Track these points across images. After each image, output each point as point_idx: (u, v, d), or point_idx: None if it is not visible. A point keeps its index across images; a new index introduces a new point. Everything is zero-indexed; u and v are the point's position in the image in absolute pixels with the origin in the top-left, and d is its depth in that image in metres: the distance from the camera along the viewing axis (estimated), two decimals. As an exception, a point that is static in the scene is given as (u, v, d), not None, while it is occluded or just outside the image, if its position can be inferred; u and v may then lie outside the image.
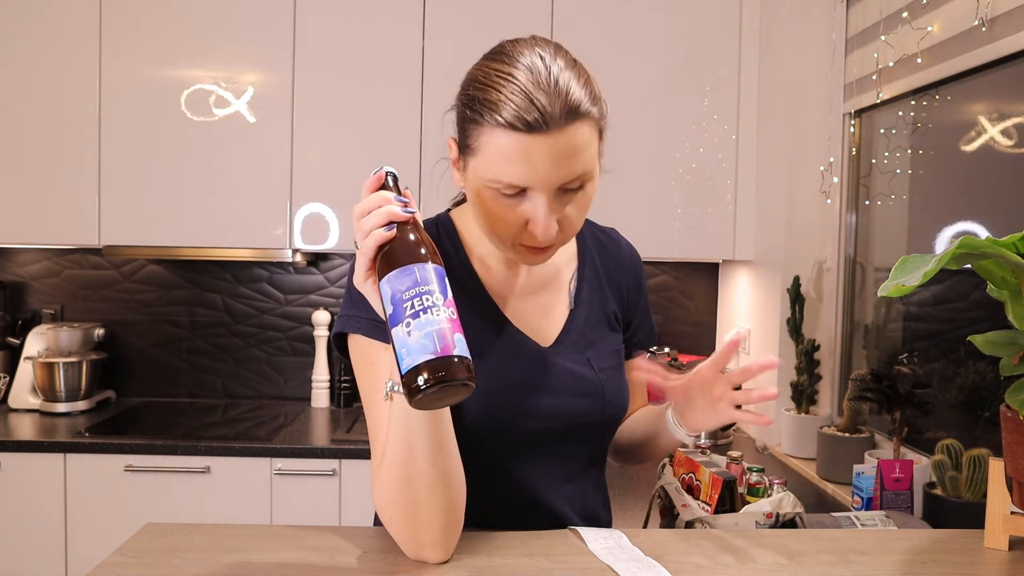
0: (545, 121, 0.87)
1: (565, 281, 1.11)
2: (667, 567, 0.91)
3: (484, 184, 0.92)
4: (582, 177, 0.93)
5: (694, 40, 2.46)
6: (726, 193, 2.48)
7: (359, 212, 0.83)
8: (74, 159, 2.43)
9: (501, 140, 0.88)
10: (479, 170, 0.92)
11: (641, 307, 1.19)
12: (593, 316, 1.11)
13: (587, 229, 1.17)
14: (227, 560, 0.92)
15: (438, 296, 0.78)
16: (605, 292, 1.13)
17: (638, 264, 1.20)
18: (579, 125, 0.90)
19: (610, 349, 1.11)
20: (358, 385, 1.00)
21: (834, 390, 2.26)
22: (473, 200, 0.96)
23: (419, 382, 0.75)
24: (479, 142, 0.91)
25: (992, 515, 1.01)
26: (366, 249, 0.82)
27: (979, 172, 1.77)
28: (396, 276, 0.79)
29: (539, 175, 0.89)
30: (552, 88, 0.88)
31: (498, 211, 0.93)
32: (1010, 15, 1.52)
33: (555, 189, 0.91)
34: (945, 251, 0.79)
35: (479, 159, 0.92)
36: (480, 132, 0.91)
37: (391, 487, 0.90)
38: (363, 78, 2.44)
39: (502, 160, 0.89)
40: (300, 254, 2.54)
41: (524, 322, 1.06)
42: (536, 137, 0.87)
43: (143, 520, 1.07)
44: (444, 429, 0.89)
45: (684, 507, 1.30)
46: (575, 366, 1.06)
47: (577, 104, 0.89)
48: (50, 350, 2.60)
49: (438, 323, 0.77)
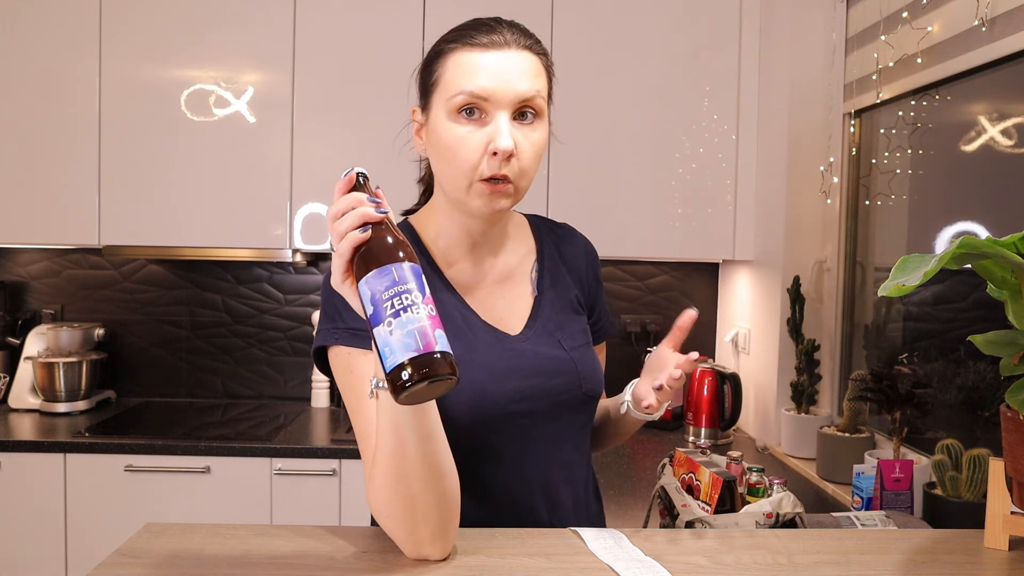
0: (503, 42, 1.00)
1: (527, 271, 1.16)
2: (667, 567, 0.91)
3: (448, 108, 0.99)
4: (535, 102, 1.01)
5: (694, 40, 2.46)
6: (726, 193, 2.48)
7: (333, 215, 0.85)
8: (74, 159, 2.43)
9: (464, 57, 0.99)
10: (442, 96, 1.00)
11: (600, 296, 1.24)
12: (558, 300, 1.15)
13: (542, 223, 1.23)
14: (227, 560, 0.92)
15: (416, 294, 0.80)
16: (566, 279, 1.18)
17: (593, 252, 1.25)
18: (531, 55, 1.02)
19: (578, 329, 1.15)
20: (342, 396, 1.02)
21: (834, 390, 2.26)
22: (436, 142, 1.02)
23: (404, 378, 0.77)
24: (442, 69, 1.01)
25: (992, 515, 1.01)
26: (342, 251, 0.84)
27: (979, 172, 1.77)
28: (374, 277, 0.81)
29: (497, 85, 0.98)
30: (509, 27, 1.03)
31: (460, 137, 0.99)
32: (1010, 15, 1.52)
33: (512, 111, 0.99)
34: (945, 251, 0.79)
35: (442, 85, 1.01)
36: (444, 61, 1.01)
37: (386, 484, 0.91)
38: (363, 78, 2.44)
39: (466, 73, 0.99)
40: (300, 254, 2.54)
41: (491, 313, 1.10)
42: (495, 53, 0.99)
43: (143, 520, 1.07)
44: (431, 419, 0.91)
45: (684, 507, 1.30)
46: (546, 348, 1.10)
47: (530, 42, 1.03)
48: (50, 350, 2.60)
49: (418, 321, 0.79)
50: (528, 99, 1.00)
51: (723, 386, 2.39)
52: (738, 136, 2.47)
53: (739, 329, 2.61)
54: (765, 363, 2.39)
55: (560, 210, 2.37)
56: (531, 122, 1.01)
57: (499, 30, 1.01)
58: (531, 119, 1.01)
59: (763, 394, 2.40)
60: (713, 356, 2.85)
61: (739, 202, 2.48)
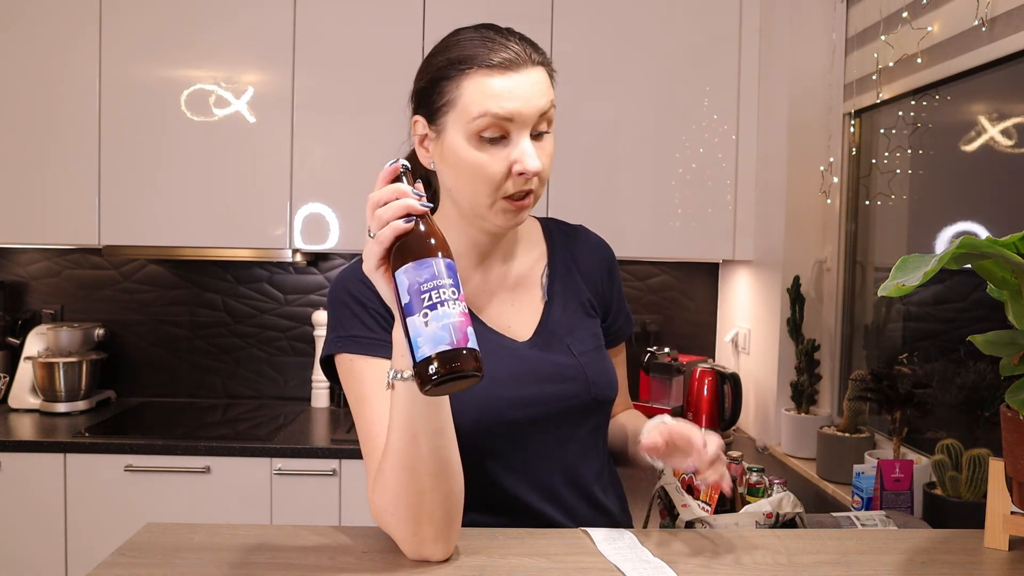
0: (519, 61, 0.98)
1: (537, 277, 1.15)
2: (668, 567, 0.91)
3: (469, 131, 0.97)
4: (551, 115, 1.01)
5: (694, 40, 2.46)
6: (726, 193, 2.48)
7: (375, 202, 0.85)
8: (74, 159, 2.43)
9: (483, 81, 0.97)
10: (461, 119, 0.98)
11: (616, 294, 1.22)
12: (568, 305, 1.14)
13: (554, 226, 1.21)
14: (227, 560, 0.92)
15: (453, 290, 0.81)
16: (579, 282, 1.17)
17: (609, 254, 1.23)
18: (541, 68, 1.01)
19: (588, 333, 1.14)
20: (348, 400, 1.03)
21: (834, 390, 2.26)
22: (453, 162, 1.00)
23: (431, 371, 0.79)
24: (458, 91, 0.98)
25: (992, 515, 1.01)
26: (383, 239, 0.84)
27: (979, 172, 1.77)
28: (414, 268, 0.82)
29: (520, 106, 0.97)
30: (516, 41, 1.01)
31: (482, 160, 0.98)
32: (1010, 15, 1.52)
33: (531, 128, 0.99)
34: (945, 251, 0.79)
35: (460, 107, 0.98)
36: (459, 83, 0.98)
37: (395, 479, 0.91)
38: (363, 78, 2.44)
39: (486, 96, 0.97)
40: (300, 254, 2.54)
41: (499, 321, 1.10)
42: (514, 75, 0.98)
43: (143, 520, 1.07)
44: (444, 414, 0.91)
45: (684, 507, 1.30)
46: (554, 355, 1.09)
47: (537, 52, 1.02)
48: (50, 350, 2.60)
49: (454, 316, 0.80)
50: (546, 114, 1.00)
51: (723, 386, 2.39)
52: (738, 136, 2.47)
53: (739, 329, 2.61)
54: (765, 363, 2.39)
55: (560, 210, 2.37)
56: (545, 132, 1.02)
57: (509, 46, 0.99)
58: (546, 129, 1.01)
59: (763, 394, 2.40)
60: (713, 356, 2.85)
61: (739, 202, 2.48)
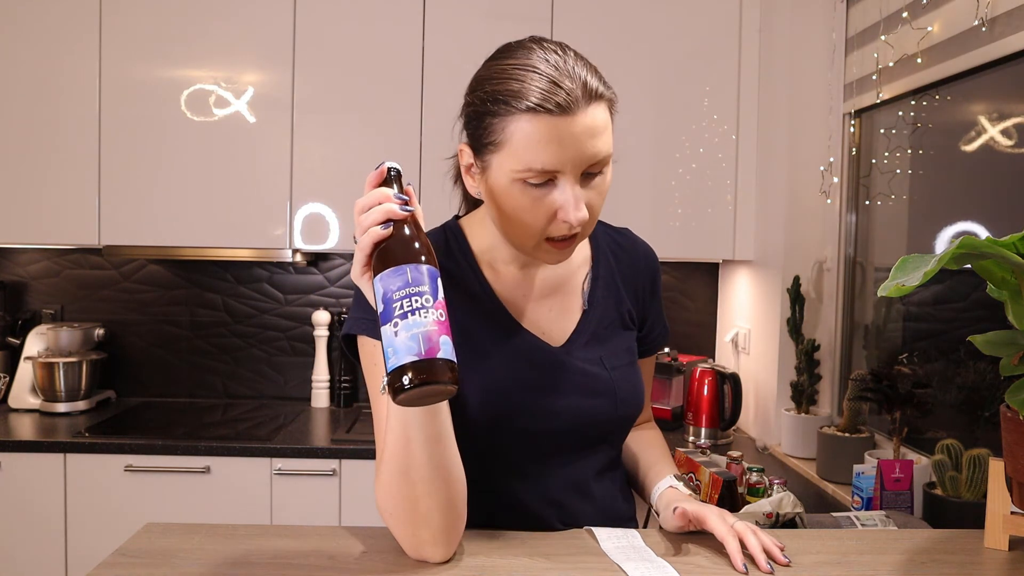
0: (572, 102, 0.89)
1: (579, 283, 1.11)
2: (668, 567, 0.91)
3: (513, 177, 0.92)
4: (605, 159, 0.94)
5: (694, 40, 2.46)
6: (726, 193, 2.48)
7: (359, 208, 0.84)
8: (74, 159, 2.43)
9: (530, 125, 0.89)
10: (506, 163, 0.92)
11: (656, 306, 1.19)
12: (607, 315, 1.11)
13: (600, 230, 1.18)
14: (227, 560, 0.92)
15: (428, 297, 0.79)
16: (620, 292, 1.13)
17: (655, 264, 1.20)
18: (598, 105, 0.92)
19: (623, 347, 1.11)
20: (367, 383, 1.00)
21: (834, 390, 2.26)
22: (497, 200, 0.95)
23: (403, 381, 0.77)
24: (504, 134, 0.91)
25: (992, 515, 1.01)
26: (363, 245, 0.83)
27: (979, 172, 1.77)
28: (389, 275, 0.80)
29: (570, 156, 0.90)
30: (572, 72, 0.91)
31: (525, 205, 0.93)
32: (1010, 15, 1.52)
33: (581, 173, 0.92)
34: (945, 251, 0.79)
35: (506, 151, 0.91)
36: (505, 123, 0.91)
37: (390, 482, 0.91)
38: (363, 78, 2.44)
39: (533, 145, 0.89)
40: (300, 254, 2.54)
41: (536, 325, 1.07)
42: (565, 119, 0.89)
43: (143, 520, 1.07)
44: (441, 422, 0.89)
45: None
46: (587, 365, 1.06)
47: (596, 86, 0.92)
48: (50, 350, 2.60)
49: (425, 324, 0.78)
50: (600, 160, 0.92)
51: (723, 386, 2.39)
52: (738, 136, 2.47)
53: (739, 329, 2.61)
54: (765, 363, 2.39)
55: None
56: (598, 172, 0.94)
57: (563, 83, 0.89)
58: (599, 171, 0.94)
59: (763, 394, 2.40)
60: (713, 356, 2.85)
61: (739, 202, 2.48)
